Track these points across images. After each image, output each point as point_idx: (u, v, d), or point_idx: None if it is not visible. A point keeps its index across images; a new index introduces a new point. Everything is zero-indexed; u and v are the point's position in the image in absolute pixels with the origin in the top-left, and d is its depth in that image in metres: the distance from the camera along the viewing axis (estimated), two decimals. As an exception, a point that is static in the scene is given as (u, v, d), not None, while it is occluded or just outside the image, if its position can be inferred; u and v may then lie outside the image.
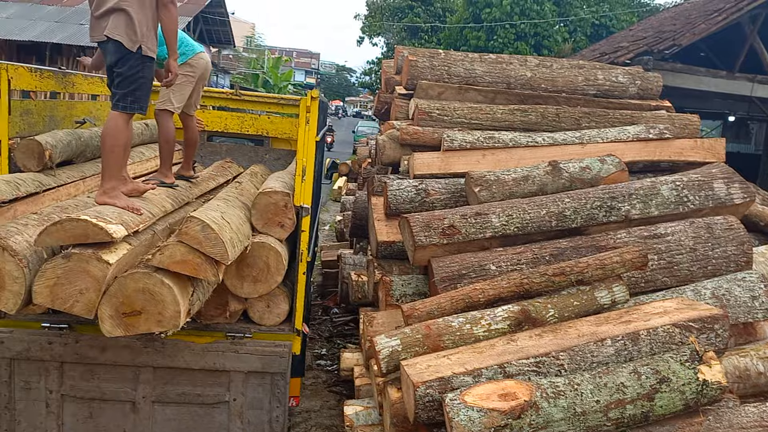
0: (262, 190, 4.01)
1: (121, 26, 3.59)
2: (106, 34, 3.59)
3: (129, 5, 3.60)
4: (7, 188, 3.33)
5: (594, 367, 3.20)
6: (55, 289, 2.91)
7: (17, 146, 3.72)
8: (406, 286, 4.67)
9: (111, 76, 3.78)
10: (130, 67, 3.64)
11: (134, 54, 3.63)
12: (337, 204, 15.90)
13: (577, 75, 6.50)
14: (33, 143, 3.70)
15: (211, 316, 3.92)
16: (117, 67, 3.65)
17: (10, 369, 3.75)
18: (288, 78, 38.97)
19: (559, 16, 24.26)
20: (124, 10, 3.58)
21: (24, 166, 3.73)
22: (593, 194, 4.49)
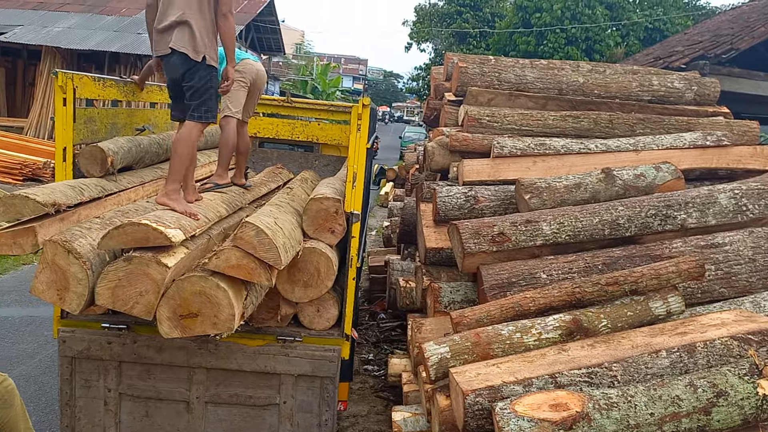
0: (314, 196, 4.06)
1: (186, 38, 3.74)
2: (171, 46, 3.74)
3: (191, 17, 3.74)
4: (72, 193, 3.47)
5: (648, 379, 3.14)
6: (117, 291, 3.01)
7: (81, 153, 3.87)
8: (455, 293, 4.67)
9: (174, 89, 3.95)
10: (199, 78, 3.80)
11: (200, 64, 3.79)
12: (383, 209, 15.95)
13: (631, 80, 6.39)
14: (96, 150, 3.84)
15: (263, 319, 3.98)
16: (186, 81, 3.82)
17: (71, 367, 3.89)
18: (336, 84, 39.38)
19: (611, 20, 23.81)
20: (187, 22, 3.73)
21: (87, 172, 3.87)
22: (648, 202, 4.40)
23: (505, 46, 25.07)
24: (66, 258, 3.00)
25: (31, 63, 22.49)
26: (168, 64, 3.87)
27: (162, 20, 3.80)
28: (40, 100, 20.72)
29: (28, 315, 7.21)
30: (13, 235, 3.12)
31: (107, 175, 3.91)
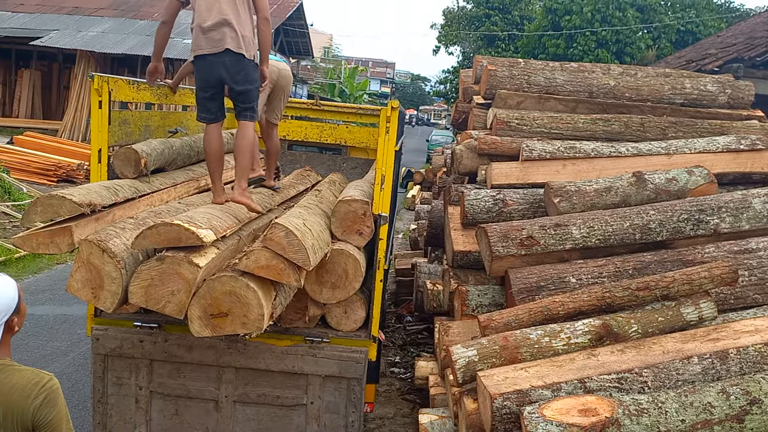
0: (342, 199, 4.08)
1: (239, 39, 3.88)
2: (228, 47, 3.84)
3: (239, 18, 3.88)
4: (107, 194, 3.54)
5: (679, 385, 3.10)
6: (149, 290, 3.06)
7: (116, 154, 3.95)
8: (482, 296, 4.65)
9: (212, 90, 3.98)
10: (253, 80, 3.99)
11: (253, 65, 3.96)
12: (410, 212, 15.95)
13: (663, 83, 6.31)
14: (130, 151, 3.92)
15: (291, 320, 4.01)
16: (238, 82, 3.93)
17: (104, 365, 3.96)
18: (363, 87, 39.51)
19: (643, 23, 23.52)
20: (236, 23, 3.86)
21: (121, 173, 3.95)
22: (680, 207, 4.35)
23: (534, 49, 24.91)
24: (101, 257, 3.06)
25: (66, 67, 23.02)
26: (213, 64, 3.89)
27: (206, 19, 3.86)
28: (75, 103, 21.18)
29: (62, 313, 7.36)
30: (51, 235, 3.20)
31: (140, 177, 3.98)
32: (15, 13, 23.65)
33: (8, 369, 2.17)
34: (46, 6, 24.41)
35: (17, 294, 2.24)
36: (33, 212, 3.27)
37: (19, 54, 23.55)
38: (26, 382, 2.16)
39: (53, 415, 2.17)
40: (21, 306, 2.26)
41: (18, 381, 2.15)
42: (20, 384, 2.15)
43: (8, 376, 2.15)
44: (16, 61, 23.76)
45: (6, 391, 2.13)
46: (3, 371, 2.16)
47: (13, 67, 23.65)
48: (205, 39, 3.89)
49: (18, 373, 2.17)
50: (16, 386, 2.14)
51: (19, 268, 8.89)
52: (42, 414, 2.15)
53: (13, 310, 2.21)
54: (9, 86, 23.59)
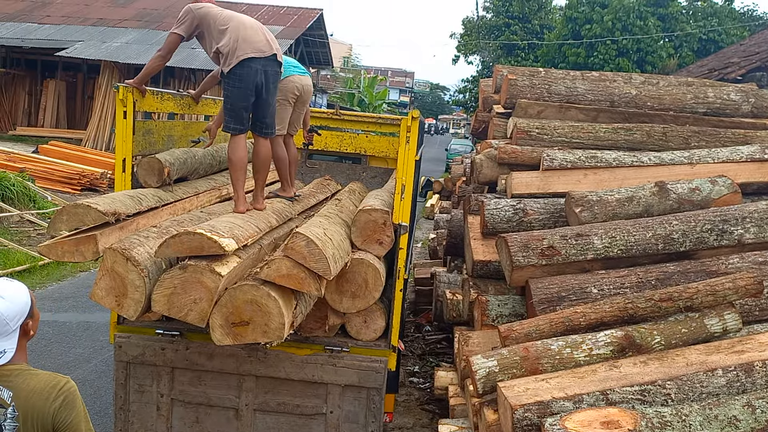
0: (362, 208, 4.09)
1: (279, 50, 4.13)
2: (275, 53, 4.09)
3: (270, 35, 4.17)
4: (131, 202, 3.58)
5: (703, 398, 3.06)
6: (172, 298, 3.09)
7: (140, 164, 4.01)
8: (503, 306, 4.63)
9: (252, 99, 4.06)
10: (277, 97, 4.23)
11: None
12: (429, 221, 15.93)
13: (685, 92, 6.26)
14: (154, 161, 3.97)
15: (311, 329, 4.02)
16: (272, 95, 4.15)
17: (126, 372, 4.00)
18: (383, 97, 39.62)
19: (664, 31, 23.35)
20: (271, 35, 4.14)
21: (145, 182, 4.00)
22: (703, 217, 4.30)
23: (554, 58, 24.83)
24: (125, 265, 3.10)
25: (91, 77, 23.40)
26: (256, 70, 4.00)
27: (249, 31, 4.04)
28: (99, 112, 21.51)
29: (85, 320, 7.45)
30: (76, 243, 3.24)
31: (164, 186, 4.03)
32: (41, 25, 24.12)
33: (25, 373, 2.20)
34: (72, 18, 24.87)
35: (30, 299, 2.28)
36: (59, 221, 3.32)
37: (45, 65, 24.00)
38: (44, 385, 2.19)
39: (72, 416, 2.19)
40: (34, 310, 2.31)
41: (36, 385, 2.18)
42: (38, 387, 2.18)
43: (25, 380, 2.18)
44: (42, 72, 24.22)
45: (24, 395, 2.16)
46: (20, 376, 2.19)
47: (39, 78, 24.11)
48: (250, 45, 3.99)
49: (35, 377, 2.20)
50: (34, 390, 2.17)
51: (43, 276, 9.01)
52: (62, 416, 2.17)
53: (27, 314, 2.25)
54: (35, 96, 24.04)
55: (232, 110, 4.06)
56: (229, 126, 4.09)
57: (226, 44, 3.99)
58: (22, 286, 2.28)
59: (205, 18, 4.09)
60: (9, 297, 2.20)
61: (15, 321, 2.20)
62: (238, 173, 4.07)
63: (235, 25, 4.05)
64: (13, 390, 2.16)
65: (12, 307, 2.19)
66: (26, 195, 11.92)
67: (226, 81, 4.03)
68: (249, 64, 3.98)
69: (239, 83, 3.99)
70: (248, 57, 3.97)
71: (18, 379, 2.18)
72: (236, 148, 4.07)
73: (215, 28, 4.06)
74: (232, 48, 3.98)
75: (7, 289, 2.22)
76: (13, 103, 23.87)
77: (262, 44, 4.05)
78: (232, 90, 4.02)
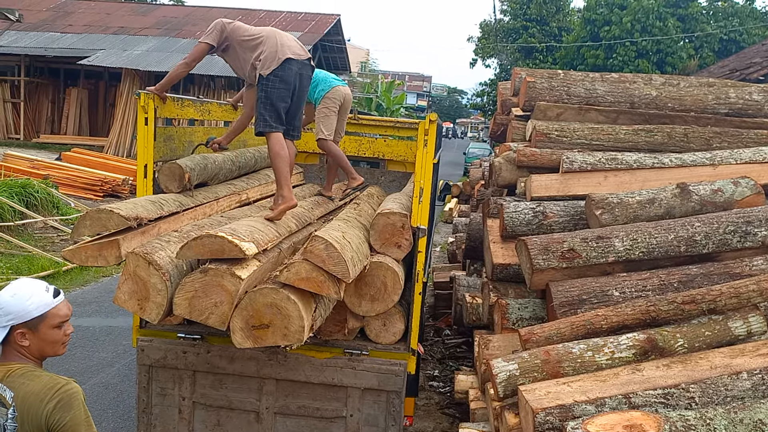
0: (381, 211, 4.10)
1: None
2: (310, 57, 4.22)
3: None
4: (153, 207, 3.62)
5: (728, 401, 3.01)
6: (193, 302, 3.12)
7: (161, 169, 4.05)
8: (523, 309, 4.61)
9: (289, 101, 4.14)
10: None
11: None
12: (448, 225, 15.90)
13: (706, 93, 6.19)
14: (175, 166, 4.01)
15: (330, 332, 4.03)
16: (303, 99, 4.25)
17: (148, 375, 4.04)
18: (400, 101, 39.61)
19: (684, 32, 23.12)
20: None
21: (166, 188, 4.05)
22: (726, 218, 4.24)
23: (573, 60, 24.70)
24: (147, 269, 3.14)
25: (112, 85, 23.72)
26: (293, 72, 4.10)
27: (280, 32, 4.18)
28: (120, 119, 21.78)
29: (107, 325, 7.54)
30: (99, 248, 3.28)
31: (184, 191, 4.07)
32: (64, 34, 24.49)
33: (29, 374, 2.22)
34: (93, 27, 25.24)
35: (39, 313, 2.27)
36: (82, 226, 3.36)
37: (68, 73, 24.37)
38: (42, 387, 2.20)
39: (67, 419, 2.17)
40: (41, 328, 2.29)
41: (34, 386, 2.19)
42: (36, 389, 2.19)
43: (27, 382, 2.20)
44: (65, 80, 24.59)
45: (23, 396, 2.18)
46: (23, 377, 2.21)
47: (61, 86, 24.48)
48: (289, 48, 4.11)
49: (37, 379, 2.22)
50: (32, 391, 2.18)
51: (66, 281, 9.14)
52: (55, 418, 2.16)
53: (23, 321, 2.25)
54: (57, 104, 24.41)
55: (273, 110, 4.06)
56: (270, 125, 4.06)
57: (263, 51, 4.09)
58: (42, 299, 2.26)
59: (236, 32, 4.19)
60: (17, 294, 2.23)
61: (7, 318, 2.21)
62: (286, 168, 4.10)
63: (269, 34, 4.17)
64: (15, 390, 2.18)
65: (12, 304, 2.21)
66: (50, 201, 12.10)
67: (265, 83, 4.05)
68: (289, 66, 4.07)
69: (281, 84, 4.05)
70: (288, 58, 4.07)
71: (21, 380, 2.20)
72: (281, 143, 4.10)
73: (248, 42, 4.17)
74: (271, 52, 4.06)
75: (26, 289, 2.25)
76: (37, 111, 24.26)
77: (297, 48, 4.18)
78: (273, 91, 4.04)
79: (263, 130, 4.07)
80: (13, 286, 2.26)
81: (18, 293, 2.23)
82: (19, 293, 2.23)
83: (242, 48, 4.19)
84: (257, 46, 4.13)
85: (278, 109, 4.07)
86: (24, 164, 15.25)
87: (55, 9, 27.31)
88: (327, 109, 5.12)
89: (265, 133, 4.07)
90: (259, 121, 4.07)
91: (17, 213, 10.93)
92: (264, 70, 4.04)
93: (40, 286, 2.29)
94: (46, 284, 2.33)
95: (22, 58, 23.22)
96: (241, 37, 4.18)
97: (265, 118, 4.05)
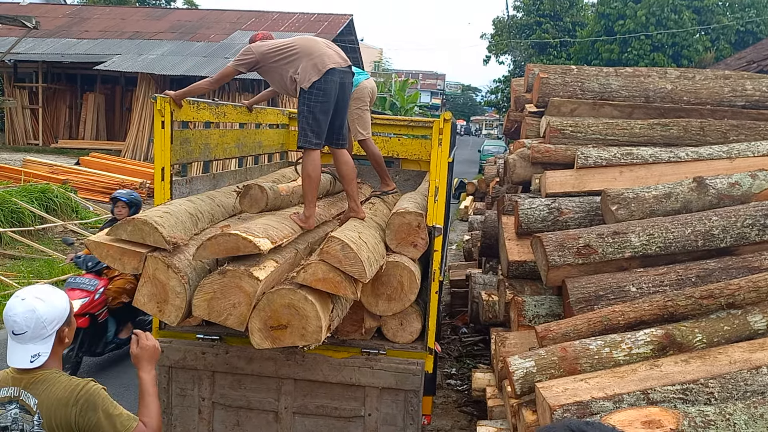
0: (396, 211, 4.11)
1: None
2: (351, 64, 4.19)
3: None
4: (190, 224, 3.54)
5: (748, 396, 2.99)
6: (212, 303, 3.16)
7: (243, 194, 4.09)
8: (539, 306, 4.60)
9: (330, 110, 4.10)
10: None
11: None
12: (463, 223, 15.87)
13: (722, 86, 6.13)
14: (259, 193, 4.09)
15: (348, 332, 4.05)
16: (345, 108, 4.21)
17: (168, 376, 4.09)
18: (414, 100, 39.59)
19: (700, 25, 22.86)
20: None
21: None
22: (744, 212, 4.21)
23: (587, 55, 24.52)
24: (166, 272, 3.18)
25: (128, 89, 23.94)
26: (334, 82, 4.02)
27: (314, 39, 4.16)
28: (137, 123, 21.99)
29: (128, 327, 7.60)
30: (121, 253, 3.27)
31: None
32: (80, 40, 24.77)
33: (50, 380, 2.28)
34: (109, 32, 25.50)
35: (68, 306, 2.37)
36: (122, 229, 3.27)
37: (84, 78, 24.64)
38: (63, 392, 2.26)
39: (95, 418, 2.24)
40: (71, 319, 2.39)
41: (57, 392, 2.26)
42: (59, 395, 2.25)
43: (49, 387, 2.26)
44: (82, 86, 24.86)
45: (47, 403, 2.25)
46: (45, 382, 2.27)
47: (78, 92, 24.75)
48: (330, 58, 4.02)
49: (57, 384, 2.28)
50: (56, 397, 2.25)
51: (87, 284, 9.23)
52: (84, 420, 2.24)
53: (65, 321, 2.33)
54: (75, 109, 24.69)
55: (315, 124, 3.99)
56: (310, 141, 4.00)
57: (301, 64, 4.00)
58: (62, 294, 2.37)
59: (267, 54, 4.12)
60: (49, 301, 2.29)
61: (52, 325, 2.28)
62: (314, 189, 4.05)
63: (304, 45, 4.08)
64: (38, 397, 2.25)
65: (51, 311, 2.28)
66: (69, 206, 12.26)
67: (307, 96, 3.97)
68: (331, 77, 3.98)
69: (323, 97, 3.97)
70: (330, 68, 3.98)
71: (42, 386, 2.26)
72: (315, 164, 4.04)
73: (283, 60, 4.10)
74: (310, 64, 3.97)
75: (49, 294, 2.32)
76: (55, 117, 24.56)
77: (337, 56, 4.09)
78: (315, 104, 3.96)
79: (302, 145, 4.04)
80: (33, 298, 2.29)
81: (47, 299, 2.30)
82: (48, 298, 2.30)
83: (278, 65, 4.12)
84: (294, 60, 4.05)
85: (320, 123, 4.00)
86: (43, 169, 15.45)
87: (71, 15, 27.64)
88: (359, 110, 5.13)
89: (304, 148, 4.04)
90: (300, 135, 4.04)
91: (37, 218, 11.09)
92: (305, 83, 3.95)
93: (47, 287, 2.38)
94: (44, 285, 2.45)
95: (39, 65, 23.53)
96: (274, 59, 4.11)
97: (306, 134, 4.00)
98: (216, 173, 4.97)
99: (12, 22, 16.75)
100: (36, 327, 2.25)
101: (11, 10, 24.09)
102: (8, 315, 2.28)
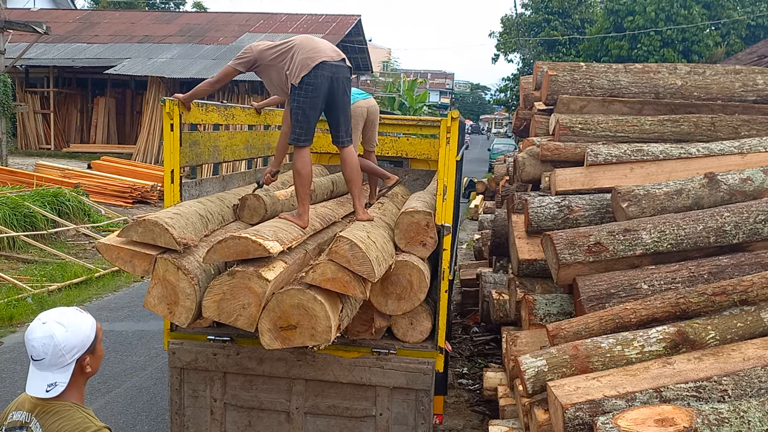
0: (405, 210, 4.10)
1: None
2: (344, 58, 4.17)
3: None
4: (200, 225, 3.55)
5: (762, 393, 2.97)
6: (222, 304, 3.17)
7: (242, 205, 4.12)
8: (550, 305, 4.58)
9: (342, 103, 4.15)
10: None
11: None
12: (473, 222, 15.84)
13: (733, 81, 6.08)
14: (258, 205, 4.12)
15: (358, 332, 4.05)
16: (347, 103, 4.20)
17: (180, 378, 4.10)
18: (423, 99, 39.58)
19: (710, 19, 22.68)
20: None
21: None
22: (756, 207, 4.17)
23: (597, 52, 24.38)
24: (176, 274, 3.19)
25: (138, 93, 24.12)
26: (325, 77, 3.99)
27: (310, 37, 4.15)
28: (147, 127, 22.13)
29: (140, 329, 7.66)
30: (131, 255, 3.28)
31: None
32: (90, 44, 24.96)
33: (65, 413, 2.11)
34: (118, 36, 25.67)
35: (94, 333, 2.17)
36: (133, 230, 3.27)
37: (95, 83, 24.84)
38: (73, 428, 2.08)
39: None
40: (97, 347, 2.19)
41: (65, 426, 2.08)
42: (67, 429, 2.08)
43: (59, 420, 2.10)
44: (92, 90, 25.06)
45: None
46: (57, 414, 2.11)
47: (89, 96, 24.95)
48: (319, 52, 4.01)
49: (69, 422, 2.10)
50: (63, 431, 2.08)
51: (99, 287, 9.31)
52: None
53: (87, 349, 2.14)
54: (86, 114, 24.89)
55: (305, 121, 3.99)
56: (299, 138, 3.99)
57: (294, 60, 4.00)
58: (89, 319, 2.17)
59: (265, 52, 4.14)
60: (70, 327, 2.10)
61: (72, 353, 2.09)
62: (306, 186, 4.04)
63: (300, 41, 4.10)
64: (44, 428, 2.09)
65: (71, 339, 2.09)
66: (81, 209, 12.35)
67: (297, 92, 3.97)
68: (320, 72, 3.95)
69: (312, 92, 3.95)
70: (319, 62, 3.95)
71: (53, 418, 2.10)
72: (305, 161, 4.03)
73: (278, 57, 4.10)
74: (301, 59, 3.97)
75: (71, 319, 2.13)
76: (66, 121, 24.76)
77: (330, 50, 4.08)
78: (305, 100, 3.96)
79: (291, 142, 4.06)
80: (54, 323, 2.10)
81: (69, 324, 2.11)
82: (71, 324, 2.11)
83: (275, 63, 4.12)
84: (288, 57, 4.05)
85: (309, 119, 4.00)
86: (55, 173, 15.58)
87: (81, 20, 27.85)
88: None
89: (293, 146, 4.05)
90: (291, 132, 4.05)
91: (50, 221, 11.18)
92: (294, 79, 3.96)
93: (74, 310, 2.19)
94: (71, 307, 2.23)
95: (50, 70, 23.75)
96: (270, 57, 4.12)
97: (296, 130, 4.00)
98: (225, 175, 4.99)
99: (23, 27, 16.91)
100: (54, 354, 2.06)
101: (22, 15, 24.29)
102: (28, 339, 2.10)
